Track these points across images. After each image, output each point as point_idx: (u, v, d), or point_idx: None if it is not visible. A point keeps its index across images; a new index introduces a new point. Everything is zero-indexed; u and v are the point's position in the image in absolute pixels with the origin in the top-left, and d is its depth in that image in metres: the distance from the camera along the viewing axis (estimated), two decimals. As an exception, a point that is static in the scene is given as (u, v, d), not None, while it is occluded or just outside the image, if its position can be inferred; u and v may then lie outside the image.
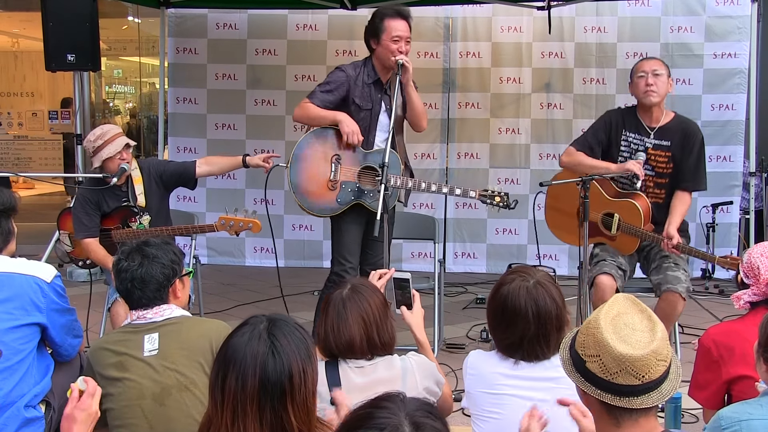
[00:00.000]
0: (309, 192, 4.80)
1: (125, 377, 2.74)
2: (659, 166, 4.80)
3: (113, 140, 4.65)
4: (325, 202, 4.81)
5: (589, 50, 7.67)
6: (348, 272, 4.80)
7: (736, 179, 7.50)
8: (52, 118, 10.76)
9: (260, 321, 2.03)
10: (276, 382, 1.91)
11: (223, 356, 1.99)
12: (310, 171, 4.80)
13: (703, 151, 4.84)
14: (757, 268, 2.97)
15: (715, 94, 7.49)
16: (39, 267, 3.14)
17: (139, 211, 4.76)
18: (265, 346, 1.94)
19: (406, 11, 4.82)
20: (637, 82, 4.78)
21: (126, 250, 2.94)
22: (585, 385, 1.99)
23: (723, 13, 7.47)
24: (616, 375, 1.94)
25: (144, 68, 14.04)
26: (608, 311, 2.01)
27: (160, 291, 2.89)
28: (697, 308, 6.26)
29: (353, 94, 4.79)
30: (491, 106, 7.83)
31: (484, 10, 7.74)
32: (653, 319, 2.02)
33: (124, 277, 2.88)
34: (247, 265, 7.98)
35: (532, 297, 2.63)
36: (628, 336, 1.96)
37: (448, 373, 4.65)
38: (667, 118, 4.84)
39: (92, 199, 4.69)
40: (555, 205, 5.16)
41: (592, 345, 1.98)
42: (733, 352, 2.86)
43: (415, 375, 2.76)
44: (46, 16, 6.63)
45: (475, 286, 7.26)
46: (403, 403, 1.58)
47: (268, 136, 7.88)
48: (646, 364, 1.94)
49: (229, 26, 8.02)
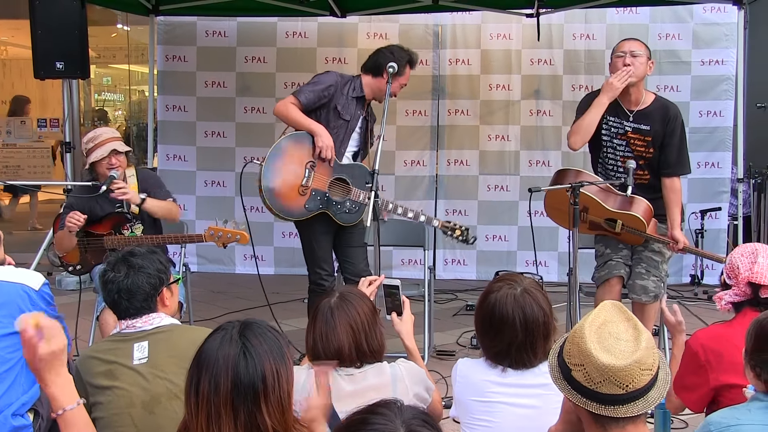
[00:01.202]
0: (279, 193, 4.79)
1: (115, 386, 2.72)
2: (638, 150, 4.69)
3: (102, 145, 4.65)
4: (293, 205, 4.81)
5: (578, 57, 7.70)
6: (325, 279, 4.89)
7: (725, 185, 7.54)
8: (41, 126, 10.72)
9: (233, 326, 2.05)
10: (249, 384, 1.92)
11: (197, 361, 2.00)
12: (284, 173, 4.80)
13: (684, 133, 4.75)
14: (737, 267, 2.98)
15: (703, 101, 7.53)
16: (27, 275, 3.12)
17: (132, 219, 4.76)
18: (237, 347, 1.96)
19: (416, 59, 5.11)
20: (615, 62, 4.69)
21: (112, 261, 2.92)
22: (571, 393, 1.99)
23: (710, 21, 7.52)
24: (599, 384, 1.95)
25: (133, 76, 14.02)
26: (594, 320, 2.01)
27: (147, 301, 2.87)
28: (685, 314, 6.22)
29: (336, 101, 4.84)
30: (481, 113, 7.84)
31: (474, 18, 7.76)
32: (639, 328, 2.02)
33: (110, 288, 2.86)
34: (237, 273, 7.96)
35: (520, 305, 2.62)
36: (612, 346, 1.96)
37: (438, 380, 4.66)
38: (648, 101, 4.73)
39: (83, 205, 4.67)
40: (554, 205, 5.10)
41: (577, 354, 1.98)
42: (721, 359, 2.85)
43: (405, 381, 2.76)
44: (35, 23, 6.62)
45: (465, 293, 7.26)
46: (399, 411, 1.59)
47: (257, 144, 7.87)
48: (630, 374, 1.94)
49: (219, 34, 8.02)
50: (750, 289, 2.95)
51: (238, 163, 7.96)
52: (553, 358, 2.11)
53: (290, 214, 4.85)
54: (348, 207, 4.82)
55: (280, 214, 4.84)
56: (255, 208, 7.87)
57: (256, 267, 5.68)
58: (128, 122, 14.29)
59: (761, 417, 2.25)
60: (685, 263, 7.50)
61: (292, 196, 4.81)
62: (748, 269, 2.94)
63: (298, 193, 4.80)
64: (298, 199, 4.81)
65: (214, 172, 8.05)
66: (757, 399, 2.32)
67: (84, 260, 4.85)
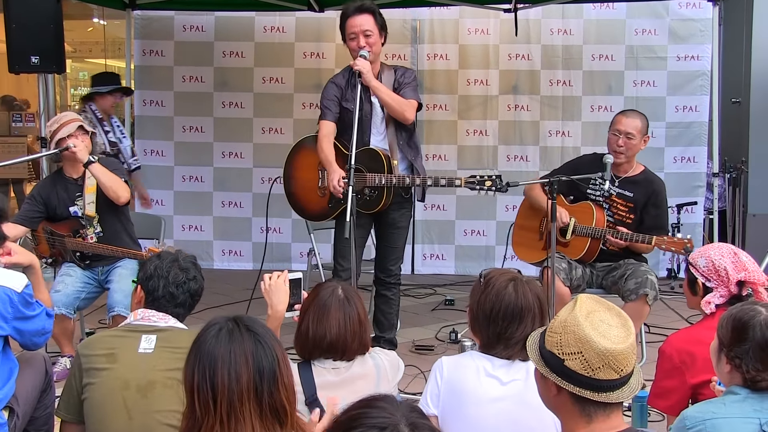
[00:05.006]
0: (302, 202, 4.97)
1: (113, 367, 2.77)
2: (619, 214, 4.95)
3: (68, 123, 4.76)
4: (318, 209, 4.94)
5: (556, 52, 7.73)
6: (340, 275, 4.83)
7: (700, 180, 7.60)
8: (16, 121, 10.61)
9: (225, 320, 2.10)
10: (270, 369, 2.02)
11: (203, 357, 2.04)
12: (299, 182, 4.95)
13: (666, 207, 5.02)
14: (723, 269, 2.97)
15: (679, 96, 7.59)
16: (11, 276, 3.09)
17: (87, 223, 4.80)
18: (250, 338, 2.05)
19: (366, 5, 4.79)
20: (610, 138, 4.96)
21: (187, 258, 3.02)
22: (563, 383, 2.01)
23: (686, 16, 7.58)
24: (598, 370, 1.97)
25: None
26: (580, 310, 2.04)
27: (184, 308, 2.96)
28: (663, 308, 6.33)
29: (344, 100, 4.82)
30: (459, 108, 7.86)
31: (451, 13, 7.77)
32: (622, 315, 2.07)
33: (176, 279, 2.93)
34: (215, 268, 7.93)
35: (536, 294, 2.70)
36: (607, 331, 2.00)
37: (417, 374, 4.67)
38: (636, 171, 5.01)
39: (42, 194, 4.86)
40: (522, 223, 5.34)
41: (573, 342, 2.00)
42: (695, 359, 2.87)
43: (387, 372, 2.84)
44: (9, 17, 6.54)
45: (444, 288, 7.28)
46: (397, 405, 1.60)
47: (235, 139, 7.86)
48: (626, 357, 1.99)
49: (196, 28, 7.97)
50: (737, 288, 2.98)
51: (216, 158, 7.94)
52: (534, 352, 2.11)
53: (321, 217, 4.99)
54: (367, 194, 4.77)
55: (313, 220, 5.02)
56: (232, 203, 7.87)
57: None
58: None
59: (736, 410, 2.28)
60: (662, 257, 7.55)
61: (313, 200, 4.94)
62: (741, 270, 2.96)
63: (318, 195, 4.89)
64: (320, 201, 4.90)
65: (192, 167, 8.00)
66: (731, 392, 2.35)
67: (53, 254, 4.97)
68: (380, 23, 4.77)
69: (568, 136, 7.69)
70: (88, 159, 4.68)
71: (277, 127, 7.90)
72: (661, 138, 7.56)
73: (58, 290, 4.71)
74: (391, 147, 4.82)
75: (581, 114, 7.68)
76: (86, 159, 4.68)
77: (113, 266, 4.91)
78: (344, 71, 4.93)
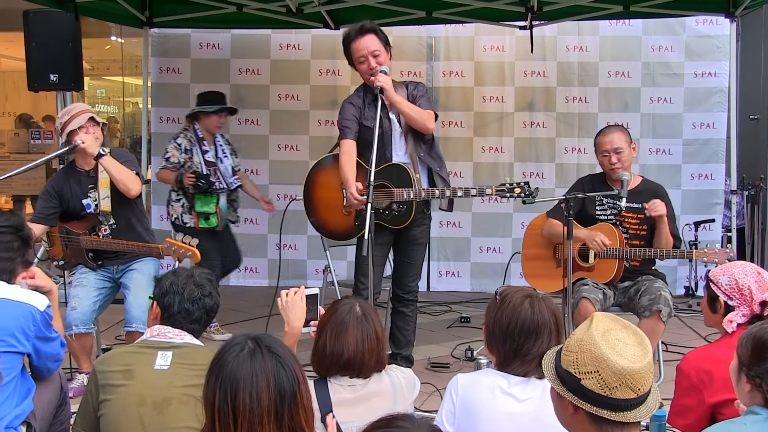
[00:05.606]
0: (327, 223, 4.94)
1: (129, 384, 2.77)
2: (632, 228, 4.93)
3: (79, 115, 4.73)
4: (344, 228, 4.90)
5: (572, 69, 7.73)
6: (362, 294, 4.76)
7: (718, 197, 7.57)
8: (34, 139, 10.70)
9: (245, 339, 2.09)
10: (290, 390, 2.02)
11: (224, 378, 2.03)
12: (323, 202, 4.91)
13: (673, 210, 4.97)
14: (747, 288, 2.94)
15: (696, 113, 7.56)
16: (34, 296, 3.12)
17: (104, 220, 4.79)
18: (272, 360, 2.04)
19: (366, 25, 4.76)
20: (602, 161, 4.99)
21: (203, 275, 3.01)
22: (580, 402, 1.99)
23: (702, 33, 7.56)
24: (615, 389, 1.96)
25: (127, 88, 13.99)
26: (596, 328, 2.02)
27: (199, 324, 2.96)
28: (680, 326, 6.28)
29: (362, 119, 4.81)
30: (474, 125, 7.86)
31: (467, 30, 7.79)
32: (639, 333, 2.05)
33: (191, 295, 2.93)
34: (232, 285, 7.94)
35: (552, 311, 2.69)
36: (623, 350, 1.98)
37: (432, 392, 4.65)
38: (636, 183, 4.99)
39: (56, 187, 4.82)
40: (531, 254, 5.26)
41: (590, 361, 1.98)
42: (713, 377, 2.84)
43: (403, 390, 2.83)
44: (29, 36, 6.62)
45: (460, 305, 7.26)
46: (418, 423, 1.60)
47: (252, 156, 7.88)
48: (644, 376, 1.97)
49: (213, 46, 8.03)
50: (760, 308, 2.95)
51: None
52: (550, 371, 2.10)
53: (348, 236, 4.95)
54: (395, 209, 4.74)
55: (340, 240, 4.96)
56: (248, 220, 7.88)
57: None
58: (122, 134, 14.27)
59: (757, 430, 2.25)
60: (679, 275, 7.51)
61: (338, 220, 4.89)
62: (766, 290, 2.93)
63: (343, 215, 4.86)
64: (346, 220, 4.86)
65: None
66: (752, 412, 2.31)
67: (66, 256, 4.95)
68: (384, 40, 4.77)
69: (584, 153, 7.65)
70: (98, 152, 4.66)
71: (293, 144, 7.93)
72: (678, 155, 7.54)
73: (74, 307, 4.68)
74: (412, 161, 4.82)
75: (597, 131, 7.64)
76: (96, 152, 4.66)
77: (128, 267, 4.86)
78: (358, 90, 4.93)
